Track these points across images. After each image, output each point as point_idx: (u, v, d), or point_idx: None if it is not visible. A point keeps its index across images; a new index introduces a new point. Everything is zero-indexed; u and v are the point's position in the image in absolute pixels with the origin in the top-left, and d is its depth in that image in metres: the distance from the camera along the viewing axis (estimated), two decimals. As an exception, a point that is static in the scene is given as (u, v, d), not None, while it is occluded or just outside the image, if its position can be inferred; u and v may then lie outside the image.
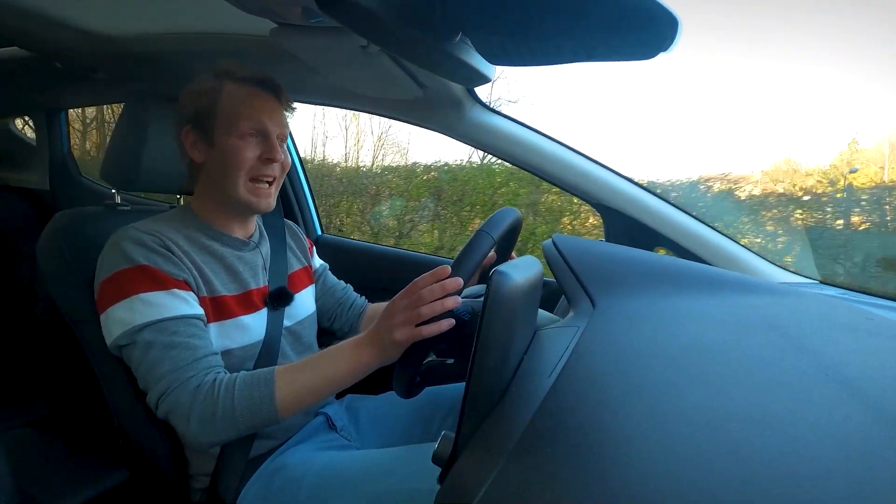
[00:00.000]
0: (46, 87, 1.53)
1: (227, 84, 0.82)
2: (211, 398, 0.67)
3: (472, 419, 0.44)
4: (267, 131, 0.82)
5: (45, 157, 1.80)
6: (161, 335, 0.70)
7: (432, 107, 1.14)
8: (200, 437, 0.68)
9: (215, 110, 0.80)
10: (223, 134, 0.80)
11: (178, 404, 0.67)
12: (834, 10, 2.99)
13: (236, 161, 0.80)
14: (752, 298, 0.69)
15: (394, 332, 0.65)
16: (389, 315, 0.66)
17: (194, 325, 0.73)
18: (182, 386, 0.68)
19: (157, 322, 0.70)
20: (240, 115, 0.80)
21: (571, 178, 1.15)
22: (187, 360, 0.69)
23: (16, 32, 1.07)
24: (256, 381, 0.68)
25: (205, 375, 0.69)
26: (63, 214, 0.88)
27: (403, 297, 0.66)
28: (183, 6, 0.94)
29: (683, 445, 0.34)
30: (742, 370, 0.46)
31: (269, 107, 0.83)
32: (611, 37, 0.42)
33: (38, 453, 0.81)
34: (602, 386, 0.45)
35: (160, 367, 0.69)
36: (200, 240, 0.82)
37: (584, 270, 0.72)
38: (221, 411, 0.66)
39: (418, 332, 0.65)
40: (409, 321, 0.65)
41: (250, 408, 0.67)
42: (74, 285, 0.82)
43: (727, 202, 2.49)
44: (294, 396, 0.69)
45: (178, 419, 0.68)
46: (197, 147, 0.82)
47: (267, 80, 0.84)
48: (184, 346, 0.70)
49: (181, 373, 0.68)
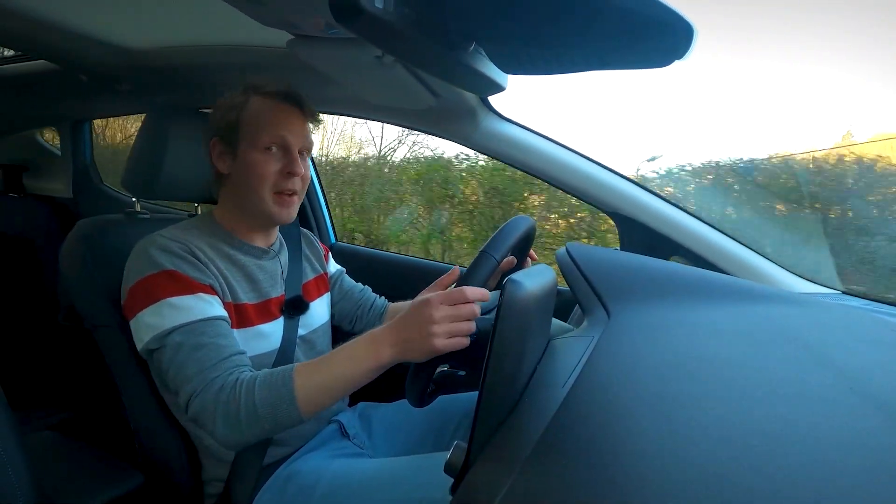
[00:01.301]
0: (72, 99, 1.57)
1: (253, 98, 0.83)
2: (234, 399, 0.67)
3: (484, 429, 0.43)
4: (288, 145, 0.83)
5: (68, 167, 1.85)
6: (189, 337, 0.71)
7: (446, 116, 1.15)
8: (228, 439, 0.68)
9: (240, 123, 0.82)
10: (246, 147, 0.82)
11: (205, 407, 0.68)
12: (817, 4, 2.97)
13: (258, 175, 0.81)
14: (771, 309, 0.68)
15: (434, 339, 0.63)
16: (428, 320, 0.64)
17: (220, 325, 0.74)
18: (207, 387, 0.68)
19: (185, 325, 0.71)
20: (262, 128, 0.81)
21: (586, 186, 1.15)
22: (213, 361, 0.70)
23: (44, 46, 1.11)
24: (275, 379, 0.68)
25: (228, 375, 0.69)
26: (85, 222, 0.90)
27: (448, 302, 0.64)
28: (203, 19, 0.97)
29: (701, 460, 0.34)
30: (762, 383, 0.45)
31: (291, 120, 0.84)
32: (625, 45, 0.42)
33: (57, 456, 0.83)
34: (617, 398, 0.44)
35: (188, 369, 0.69)
36: (223, 248, 0.83)
37: (598, 279, 0.71)
38: (245, 412, 0.66)
39: (458, 343, 0.65)
40: (454, 333, 0.64)
41: (272, 406, 0.67)
42: (95, 291, 0.84)
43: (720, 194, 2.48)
44: (314, 395, 0.68)
45: (205, 421, 0.68)
46: (223, 159, 0.84)
47: (291, 93, 0.85)
48: (210, 346, 0.71)
49: (207, 374, 0.69)
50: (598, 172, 1.15)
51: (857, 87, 2.63)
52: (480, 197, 3.04)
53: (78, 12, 0.97)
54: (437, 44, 0.49)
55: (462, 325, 0.65)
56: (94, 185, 1.87)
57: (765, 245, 1.13)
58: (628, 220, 1.13)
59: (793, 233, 1.75)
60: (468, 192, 3.11)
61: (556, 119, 3.13)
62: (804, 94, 2.66)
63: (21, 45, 1.21)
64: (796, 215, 1.95)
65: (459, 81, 0.68)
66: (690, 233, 1.09)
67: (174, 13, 0.96)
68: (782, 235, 1.73)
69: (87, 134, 1.87)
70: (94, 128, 1.93)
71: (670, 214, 1.11)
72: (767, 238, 1.71)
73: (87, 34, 1.05)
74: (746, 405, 0.41)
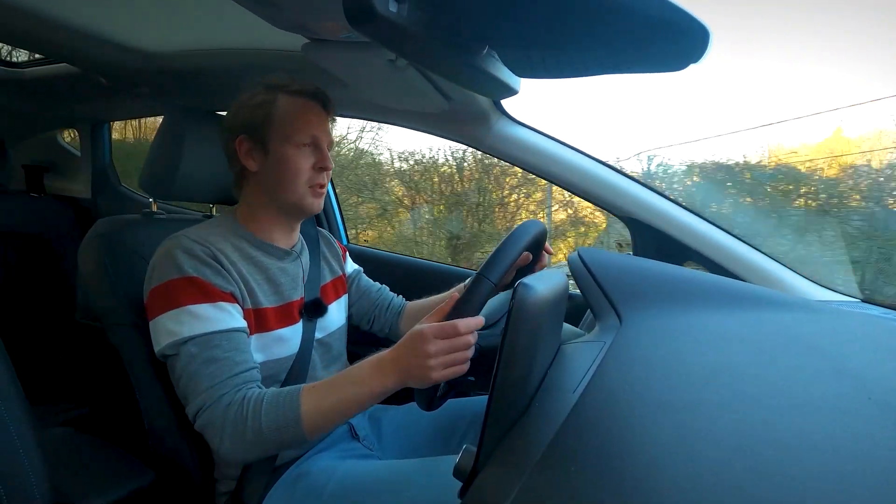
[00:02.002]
0: (92, 101, 1.61)
1: (280, 96, 0.85)
2: (241, 418, 0.68)
3: (494, 433, 0.43)
4: (319, 141, 0.85)
5: (88, 167, 1.89)
6: (204, 349, 0.72)
7: (459, 119, 1.15)
8: (232, 456, 0.69)
9: (270, 121, 0.83)
10: (279, 143, 0.83)
11: (212, 423, 0.69)
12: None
13: (293, 169, 0.83)
14: (787, 316, 0.66)
15: (431, 372, 0.64)
16: (424, 354, 0.64)
17: (237, 338, 0.74)
18: (216, 404, 0.69)
19: (201, 336, 0.72)
20: (295, 125, 0.83)
21: (599, 190, 1.14)
22: (224, 377, 0.71)
23: (66, 49, 1.14)
24: (283, 401, 0.69)
25: (236, 392, 0.70)
26: (103, 222, 0.92)
27: (442, 336, 0.65)
28: (220, 23, 0.98)
29: (713, 469, 0.33)
30: (777, 392, 0.44)
31: (319, 118, 0.86)
32: (640, 49, 0.42)
33: (72, 451, 0.84)
34: (628, 404, 0.44)
35: (199, 383, 0.71)
36: (246, 249, 0.84)
37: (610, 284, 0.71)
38: (251, 432, 0.68)
39: (457, 371, 0.66)
40: (451, 364, 0.65)
41: (278, 429, 0.68)
42: (111, 290, 0.85)
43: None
44: (319, 418, 0.69)
45: (211, 437, 0.70)
46: (252, 155, 0.85)
47: (319, 92, 0.87)
48: (224, 361, 0.72)
49: (216, 390, 0.70)
50: (612, 176, 1.14)
51: (847, 83, 2.63)
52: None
53: (99, 16, 0.99)
54: (451, 47, 0.49)
55: (458, 356, 0.65)
56: (112, 186, 1.90)
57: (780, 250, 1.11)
58: (641, 225, 1.12)
59: (810, 238, 1.72)
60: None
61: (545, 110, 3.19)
62: (794, 90, 2.66)
63: (43, 49, 1.24)
64: (813, 219, 1.92)
65: (472, 85, 0.68)
66: (704, 238, 1.08)
67: (191, 17, 0.97)
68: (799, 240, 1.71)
69: (106, 135, 1.90)
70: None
71: (684, 219, 1.10)
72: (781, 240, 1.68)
73: (108, 38, 1.07)
74: (761, 414, 0.40)
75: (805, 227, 1.84)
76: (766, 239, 1.70)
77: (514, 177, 3.53)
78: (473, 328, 0.65)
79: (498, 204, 3.54)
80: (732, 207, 2.30)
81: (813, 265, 1.20)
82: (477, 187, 3.51)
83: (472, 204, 3.49)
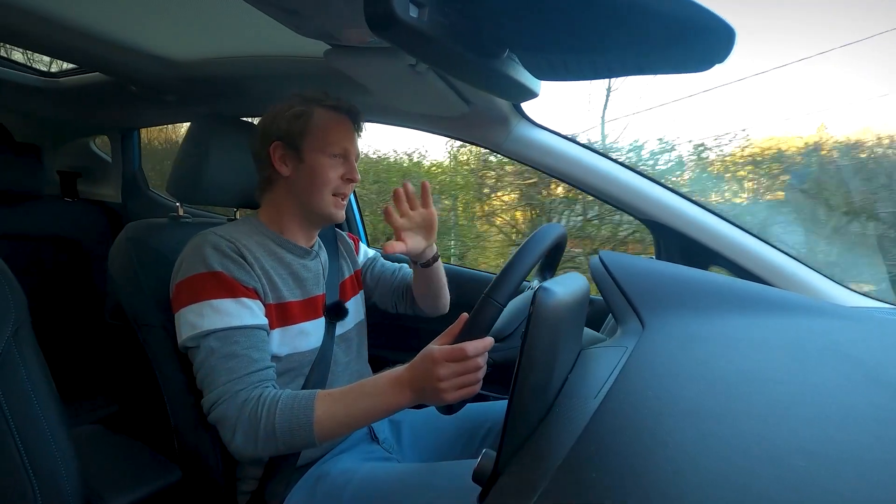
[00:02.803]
0: (123, 109, 1.66)
1: (317, 109, 0.89)
2: (255, 416, 0.70)
3: (514, 438, 0.43)
4: (349, 154, 0.90)
5: (118, 173, 1.95)
6: (223, 344, 0.74)
7: (478, 123, 1.15)
8: (242, 451, 0.71)
9: (307, 131, 0.87)
10: (314, 152, 0.87)
11: (226, 416, 0.71)
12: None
13: (324, 178, 0.87)
14: (818, 323, 0.64)
15: (444, 394, 0.66)
16: (435, 377, 0.66)
17: (256, 335, 0.77)
18: (231, 399, 0.71)
19: (221, 330, 0.74)
20: (329, 138, 0.87)
21: (621, 194, 1.12)
22: (241, 373, 0.73)
23: (99, 59, 1.18)
24: (297, 405, 0.70)
25: (253, 389, 0.72)
26: (132, 226, 0.94)
27: (452, 360, 0.66)
28: (243, 32, 1.01)
29: (741, 479, 0.32)
30: (808, 401, 0.43)
31: (350, 132, 0.91)
32: (663, 50, 0.41)
33: (102, 448, 0.86)
34: (651, 410, 0.43)
35: (216, 377, 0.73)
36: (270, 246, 0.87)
37: (632, 289, 0.70)
38: (263, 431, 0.69)
39: (469, 392, 0.67)
40: (462, 385, 0.66)
41: (290, 431, 0.70)
42: (140, 292, 0.88)
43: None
44: (331, 425, 0.71)
45: (224, 430, 0.72)
46: (285, 161, 0.89)
47: (352, 109, 0.92)
48: (242, 357, 0.74)
49: (232, 385, 0.72)
50: (634, 179, 1.13)
51: (832, 79, 2.59)
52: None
53: (129, 27, 1.03)
54: (471, 51, 0.49)
55: (469, 378, 0.66)
56: (141, 191, 1.96)
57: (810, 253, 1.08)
58: (664, 228, 1.10)
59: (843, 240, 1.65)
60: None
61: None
62: (778, 86, 2.63)
63: (77, 59, 1.29)
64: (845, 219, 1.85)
65: (492, 88, 0.68)
66: (730, 241, 1.05)
67: (216, 26, 1.00)
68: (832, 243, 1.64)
69: (136, 142, 1.96)
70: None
71: (708, 222, 1.07)
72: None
73: (137, 47, 1.11)
74: (791, 424, 0.39)
75: (838, 230, 1.77)
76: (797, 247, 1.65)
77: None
78: (482, 350, 0.66)
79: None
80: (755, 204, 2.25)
81: (845, 269, 1.15)
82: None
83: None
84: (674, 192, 1.12)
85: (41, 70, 1.63)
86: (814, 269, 1.04)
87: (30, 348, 0.61)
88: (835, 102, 2.34)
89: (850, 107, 2.33)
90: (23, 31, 1.01)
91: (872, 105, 2.34)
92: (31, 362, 0.60)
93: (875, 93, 2.34)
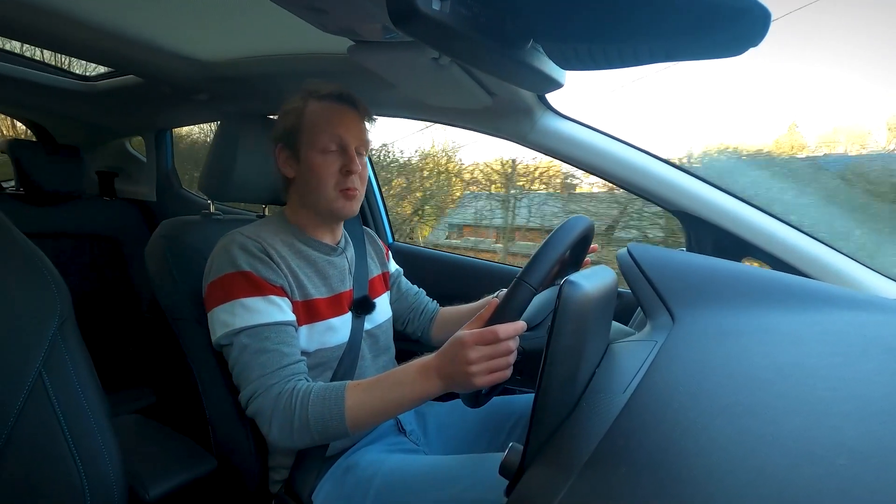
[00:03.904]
0: (156, 110, 1.72)
1: (310, 102, 0.87)
2: (289, 408, 0.72)
3: (541, 432, 0.43)
4: (345, 144, 0.86)
5: (152, 172, 2.02)
6: (255, 340, 0.76)
7: (502, 115, 1.14)
8: (279, 442, 0.73)
9: (300, 128, 0.86)
10: (308, 149, 0.86)
11: (262, 410, 0.73)
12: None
13: (319, 176, 0.85)
14: (862, 316, 0.61)
15: (473, 378, 0.65)
16: (465, 360, 0.65)
17: (285, 331, 0.78)
18: (266, 392, 0.73)
19: (253, 327, 0.76)
20: (320, 130, 0.85)
21: (650, 185, 1.10)
22: (273, 367, 0.75)
23: (133, 62, 1.22)
24: (328, 396, 0.72)
25: (286, 383, 0.74)
26: (166, 223, 0.98)
27: (483, 342, 0.65)
28: (269, 31, 1.02)
29: (778, 477, 0.31)
30: (850, 397, 0.41)
31: (347, 119, 0.87)
32: (695, 35, 0.40)
33: (141, 438, 0.90)
34: (683, 405, 0.42)
35: (250, 371, 0.75)
36: (295, 244, 0.89)
37: (662, 281, 0.68)
38: (298, 422, 0.71)
39: (500, 377, 0.66)
40: (493, 370, 0.65)
41: (322, 422, 0.71)
42: (175, 287, 0.91)
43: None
44: (362, 415, 0.72)
45: (261, 423, 0.74)
46: (288, 164, 0.89)
47: (345, 94, 0.88)
48: (273, 352, 0.76)
49: (266, 379, 0.74)
50: (663, 169, 1.10)
51: (802, 79, 2.50)
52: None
53: (162, 30, 1.06)
54: (495, 42, 0.48)
55: (500, 362, 0.65)
56: (174, 189, 2.02)
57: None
58: (695, 220, 1.07)
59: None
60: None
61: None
62: (748, 87, 2.54)
63: (112, 62, 1.33)
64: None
65: (516, 80, 0.67)
66: (765, 232, 1.01)
67: (244, 26, 1.02)
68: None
69: (169, 142, 2.02)
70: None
71: (742, 212, 1.04)
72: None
73: (170, 50, 1.14)
74: (832, 420, 0.37)
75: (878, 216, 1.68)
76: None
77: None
78: (514, 334, 0.65)
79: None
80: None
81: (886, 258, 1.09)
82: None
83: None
84: (706, 182, 1.08)
85: (78, 74, 1.70)
86: (857, 260, 0.99)
87: (75, 341, 0.64)
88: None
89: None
90: (60, 36, 1.05)
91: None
92: (77, 355, 0.63)
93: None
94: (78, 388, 0.62)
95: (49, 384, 0.59)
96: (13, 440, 0.56)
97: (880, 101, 2.23)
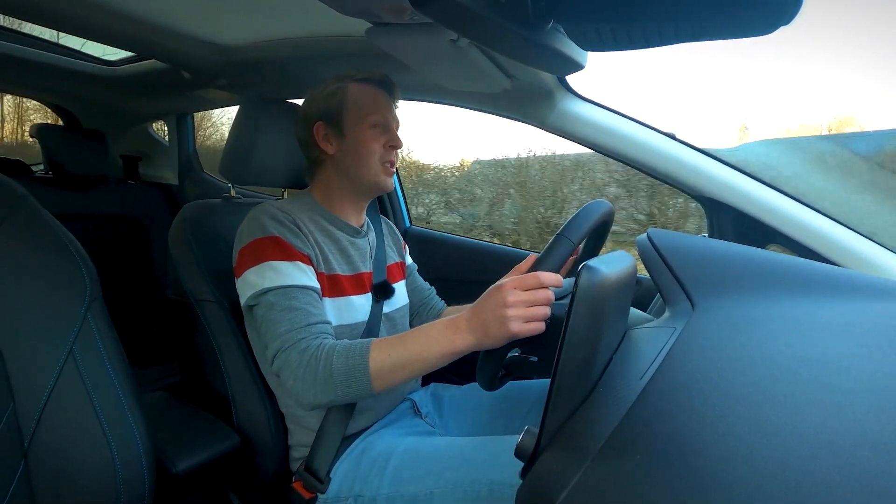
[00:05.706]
0: (177, 94, 1.74)
1: (350, 84, 0.92)
2: (314, 361, 0.72)
3: (556, 417, 0.43)
4: (388, 123, 0.92)
5: (174, 156, 2.05)
6: (282, 299, 0.78)
7: (522, 98, 1.12)
8: (303, 397, 0.73)
9: (344, 107, 0.90)
10: (353, 125, 0.90)
11: (288, 362, 0.74)
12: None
13: (368, 148, 0.90)
14: (891, 306, 0.60)
15: (510, 322, 0.63)
16: (503, 303, 0.63)
17: (311, 294, 0.80)
18: (293, 346, 0.74)
19: (281, 287, 0.78)
20: (367, 109, 0.90)
21: (672, 169, 1.07)
22: (302, 324, 0.76)
23: (155, 47, 1.23)
24: (353, 349, 0.73)
25: (314, 339, 0.75)
26: (189, 206, 1.00)
27: (522, 287, 0.64)
28: (287, 15, 1.02)
29: (799, 468, 0.31)
30: (876, 388, 0.40)
31: (386, 101, 0.94)
32: (723, 13, 0.39)
33: (167, 415, 0.94)
34: (701, 393, 0.42)
35: (278, 327, 0.76)
36: (321, 222, 0.91)
37: (682, 267, 0.67)
38: (322, 375, 0.72)
39: (535, 328, 0.64)
40: (530, 318, 0.63)
41: (346, 374, 0.71)
42: (198, 269, 0.93)
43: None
44: (386, 368, 0.71)
45: (286, 376, 0.75)
46: (329, 140, 0.92)
47: (385, 79, 0.94)
48: (301, 310, 0.77)
49: (294, 334, 0.75)
50: (685, 153, 1.07)
51: (753, 80, 2.42)
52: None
53: (182, 14, 1.06)
54: (514, 24, 0.47)
55: (538, 310, 0.64)
56: (196, 173, 2.06)
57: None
58: (718, 205, 1.05)
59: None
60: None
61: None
62: (699, 88, 2.46)
63: (135, 47, 1.35)
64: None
65: (536, 62, 0.66)
66: (791, 218, 0.98)
67: (262, 10, 1.02)
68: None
69: (190, 126, 2.05)
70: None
71: (767, 198, 1.01)
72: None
73: (190, 34, 1.15)
74: (856, 413, 0.37)
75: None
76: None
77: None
78: (554, 283, 0.65)
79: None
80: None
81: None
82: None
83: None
84: (730, 166, 1.05)
85: (101, 59, 1.72)
86: (888, 247, 0.96)
87: (103, 320, 0.66)
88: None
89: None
90: (82, 21, 1.07)
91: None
92: (105, 333, 0.65)
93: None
94: (108, 366, 0.64)
95: (80, 362, 0.62)
96: (46, 416, 0.59)
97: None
